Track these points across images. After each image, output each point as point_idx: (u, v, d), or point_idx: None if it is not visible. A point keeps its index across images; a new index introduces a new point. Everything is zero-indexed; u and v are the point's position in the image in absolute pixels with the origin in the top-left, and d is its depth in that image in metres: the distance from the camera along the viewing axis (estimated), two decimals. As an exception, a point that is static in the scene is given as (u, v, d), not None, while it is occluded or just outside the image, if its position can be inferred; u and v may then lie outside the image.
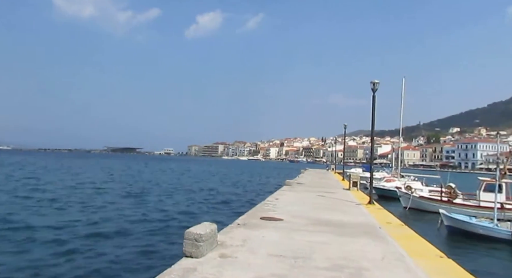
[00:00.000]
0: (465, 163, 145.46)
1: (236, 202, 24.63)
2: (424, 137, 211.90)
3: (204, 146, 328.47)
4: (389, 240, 7.73)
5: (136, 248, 11.26)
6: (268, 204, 12.31)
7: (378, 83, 14.96)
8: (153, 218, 16.59)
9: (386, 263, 5.82)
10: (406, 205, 23.74)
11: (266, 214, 10.02)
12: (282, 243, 6.79)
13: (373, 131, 16.09)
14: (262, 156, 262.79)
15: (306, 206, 12.49)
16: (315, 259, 5.78)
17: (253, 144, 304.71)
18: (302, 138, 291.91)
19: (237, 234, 7.26)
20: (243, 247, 6.28)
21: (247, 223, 8.61)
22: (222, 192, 30.64)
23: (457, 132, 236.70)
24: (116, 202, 21.38)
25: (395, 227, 9.48)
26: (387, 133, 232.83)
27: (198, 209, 20.33)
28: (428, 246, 7.51)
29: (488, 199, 19.64)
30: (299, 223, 9.06)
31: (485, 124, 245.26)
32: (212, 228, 5.84)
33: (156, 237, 12.78)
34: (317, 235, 7.73)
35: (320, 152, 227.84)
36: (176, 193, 27.78)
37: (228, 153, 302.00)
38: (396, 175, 36.76)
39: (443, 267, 5.86)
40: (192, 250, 5.29)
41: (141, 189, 29.57)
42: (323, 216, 10.44)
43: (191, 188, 33.08)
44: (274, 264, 5.38)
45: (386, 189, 29.59)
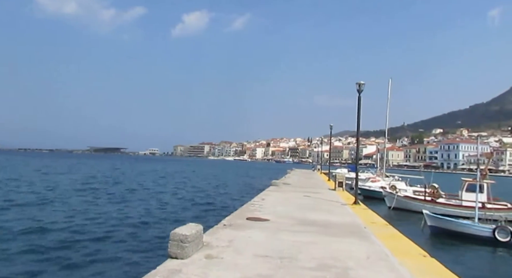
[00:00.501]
0: (448, 163, 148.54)
1: (222, 202, 24.52)
2: (408, 138, 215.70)
3: (190, 146, 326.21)
4: (374, 239, 7.81)
5: (120, 249, 11.09)
6: (254, 205, 12.29)
7: (364, 84, 15.12)
8: (137, 220, 16.34)
9: (371, 263, 5.88)
10: (390, 204, 24.07)
11: (252, 215, 10.01)
12: (268, 244, 6.78)
13: (358, 131, 16.27)
14: (248, 157, 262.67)
15: (292, 206, 12.52)
16: (301, 259, 5.79)
17: (239, 145, 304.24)
18: (288, 139, 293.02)
19: (223, 235, 7.22)
20: (229, 247, 6.25)
21: (233, 223, 8.57)
22: (207, 193, 30.46)
23: (440, 133, 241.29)
24: (97, 204, 20.93)
25: (380, 227, 9.59)
26: (372, 134, 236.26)
27: (183, 210, 20.14)
28: (412, 245, 7.62)
29: (470, 199, 20.11)
30: (285, 223, 9.07)
31: (466, 125, 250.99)
32: (198, 229, 5.79)
33: (140, 239, 12.60)
34: (303, 235, 7.75)
35: (306, 152, 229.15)
36: (161, 194, 27.43)
37: (214, 154, 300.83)
38: (381, 175, 37.24)
39: (426, 266, 5.95)
40: (178, 251, 5.23)
41: (125, 190, 29.16)
42: (309, 216, 10.48)
43: (176, 189, 32.75)
44: (260, 265, 5.37)
45: (371, 190, 29.95)
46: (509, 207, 21.23)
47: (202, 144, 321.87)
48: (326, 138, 53.22)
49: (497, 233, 15.14)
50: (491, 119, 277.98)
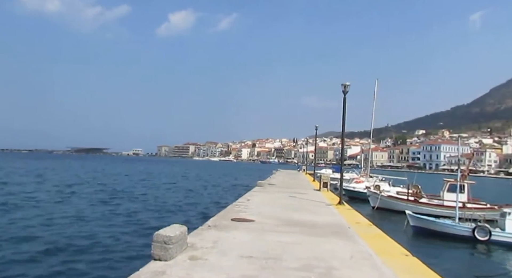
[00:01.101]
0: (430, 164, 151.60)
1: (207, 203, 24.40)
2: (392, 139, 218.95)
3: (175, 147, 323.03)
4: (358, 239, 7.90)
5: (102, 252, 10.91)
6: (239, 205, 12.27)
7: (349, 86, 15.26)
8: (120, 222, 16.11)
9: (354, 262, 5.94)
10: (374, 204, 24.41)
11: (237, 215, 9.98)
12: (253, 244, 6.77)
13: (343, 132, 16.42)
14: (233, 157, 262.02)
15: (278, 207, 12.54)
16: (286, 260, 5.81)
17: (225, 145, 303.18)
18: (274, 139, 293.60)
19: (207, 236, 7.17)
20: (213, 249, 6.21)
21: (218, 224, 8.53)
22: (192, 194, 30.26)
23: (422, 134, 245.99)
24: (76, 205, 20.48)
25: (363, 227, 9.70)
26: (356, 135, 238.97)
27: (168, 212, 19.94)
28: (395, 245, 7.74)
29: (451, 199, 20.56)
30: (270, 224, 9.08)
31: (448, 127, 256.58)
32: (182, 230, 5.74)
33: (124, 241, 12.42)
34: (288, 236, 7.78)
35: (292, 153, 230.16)
36: (145, 196, 27.05)
37: (199, 154, 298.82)
38: (365, 175, 37.69)
39: (408, 265, 6.06)
40: (161, 253, 5.17)
41: (109, 191, 28.70)
42: (294, 217, 10.52)
43: (160, 190, 32.40)
44: (245, 265, 5.36)
45: (355, 191, 30.29)
46: (488, 207, 21.81)
47: (187, 145, 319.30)
48: (312, 139, 53.64)
49: (477, 232, 15.55)
50: (472, 120, 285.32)
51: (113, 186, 33.79)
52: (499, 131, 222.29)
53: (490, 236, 15.41)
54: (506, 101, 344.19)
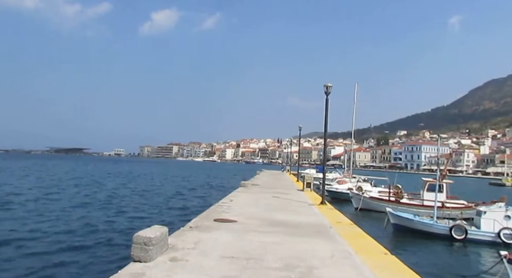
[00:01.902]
0: (411, 164, 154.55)
1: (189, 204, 24.23)
2: (375, 139, 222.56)
3: (158, 147, 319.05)
4: (339, 239, 8.00)
5: (82, 254, 10.70)
6: (222, 206, 12.25)
7: (331, 87, 15.42)
8: (100, 223, 15.81)
9: (334, 261, 6.03)
10: (357, 206, 24.72)
11: (220, 216, 9.97)
12: (235, 245, 6.78)
13: (326, 133, 16.58)
14: (217, 158, 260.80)
15: (261, 207, 12.58)
16: (267, 260, 5.84)
17: (209, 145, 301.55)
18: (258, 139, 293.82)
19: (189, 237, 7.14)
20: (194, 249, 6.19)
21: (200, 225, 8.50)
22: (174, 195, 29.97)
23: (404, 134, 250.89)
24: (57, 208, 19.99)
25: (345, 227, 9.83)
26: (340, 135, 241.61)
27: (149, 213, 19.66)
28: (374, 243, 7.88)
29: (431, 198, 21.03)
30: (252, 224, 9.10)
31: (428, 127, 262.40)
32: (163, 231, 5.70)
33: (103, 243, 12.21)
34: (270, 236, 7.82)
35: (276, 153, 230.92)
36: (126, 197, 26.59)
37: (183, 154, 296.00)
38: (348, 176, 38.17)
39: (386, 263, 6.18)
40: (141, 254, 5.12)
41: (87, 191, 28.17)
42: (276, 217, 10.58)
43: (142, 191, 31.96)
44: (226, 266, 5.37)
45: (338, 192, 30.60)
46: (465, 206, 22.43)
47: (170, 145, 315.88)
48: (296, 139, 53.88)
49: (454, 231, 15.98)
50: (451, 121, 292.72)
51: (92, 186, 33.18)
52: (477, 132, 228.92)
53: (466, 235, 15.85)
54: (483, 103, 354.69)
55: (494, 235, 15.62)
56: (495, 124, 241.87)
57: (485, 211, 16.34)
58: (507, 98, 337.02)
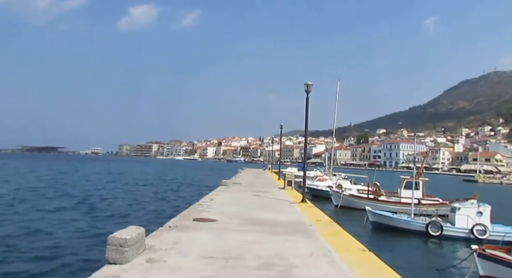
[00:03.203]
0: (390, 162, 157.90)
1: (168, 204, 23.92)
2: (355, 138, 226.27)
3: (137, 146, 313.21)
4: (318, 237, 8.05)
5: (54, 257, 10.36)
6: (202, 205, 12.13)
7: (312, 85, 15.51)
8: (74, 225, 15.35)
9: (313, 259, 6.06)
10: (337, 203, 25.04)
11: (199, 215, 9.86)
12: (214, 244, 6.72)
13: (306, 131, 16.68)
14: (199, 156, 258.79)
15: (241, 206, 12.54)
16: (247, 259, 5.81)
17: (190, 144, 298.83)
18: (240, 138, 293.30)
19: (167, 237, 7.02)
20: (173, 250, 6.09)
21: (179, 225, 8.38)
22: (153, 194, 29.50)
23: (383, 133, 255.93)
24: (25, 209, 19.20)
25: (324, 224, 9.91)
26: (321, 133, 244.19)
27: (126, 213, 19.19)
28: (353, 241, 7.97)
29: (408, 195, 21.53)
30: (233, 223, 9.05)
31: (406, 126, 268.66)
32: (139, 232, 5.57)
33: (77, 245, 11.86)
34: (250, 235, 7.79)
35: (258, 151, 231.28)
36: (101, 197, 25.89)
37: (163, 153, 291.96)
38: (329, 174, 38.61)
39: (364, 260, 6.27)
40: (116, 256, 4.98)
41: (61, 192, 27.40)
42: (257, 216, 10.56)
43: (118, 190, 31.29)
44: (204, 266, 5.30)
45: (319, 189, 30.90)
46: (440, 202, 23.09)
47: (150, 143, 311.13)
48: (278, 137, 54.14)
49: (430, 227, 16.41)
50: (428, 120, 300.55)
51: (67, 186, 32.32)
52: (452, 131, 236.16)
53: (441, 231, 16.30)
54: (457, 102, 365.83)
55: (467, 231, 16.12)
56: (469, 123, 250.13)
57: (459, 208, 16.83)
58: (480, 98, 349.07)
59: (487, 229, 15.90)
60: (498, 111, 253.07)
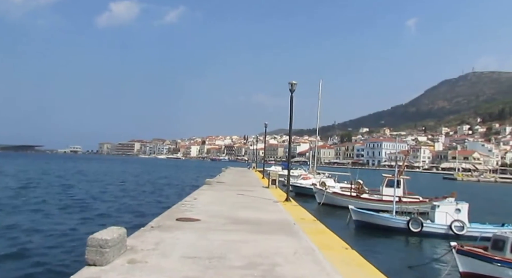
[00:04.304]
0: (372, 160, 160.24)
1: (151, 203, 23.59)
2: (338, 136, 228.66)
3: (118, 144, 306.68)
4: (302, 235, 8.08)
5: (32, 260, 10.06)
6: (185, 205, 12.01)
7: (296, 84, 15.57)
8: (54, 224, 15.01)
9: (297, 258, 6.07)
10: (320, 201, 25.28)
11: (182, 215, 9.75)
12: (197, 244, 6.66)
13: (291, 130, 16.75)
14: (182, 155, 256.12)
15: (225, 205, 12.47)
16: (230, 258, 5.78)
17: (173, 142, 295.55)
18: (224, 136, 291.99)
19: (149, 238, 6.91)
20: (155, 250, 6.00)
21: (161, 225, 8.26)
22: (135, 194, 29.06)
23: (366, 132, 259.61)
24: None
25: (308, 223, 9.96)
26: (305, 132, 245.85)
27: (107, 213, 18.79)
28: (336, 239, 8.03)
29: (390, 193, 21.90)
30: (216, 223, 8.99)
31: (389, 125, 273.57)
32: (121, 232, 5.46)
33: (57, 247, 11.56)
34: (234, 234, 7.76)
35: (242, 150, 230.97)
36: (82, 197, 25.30)
37: (146, 152, 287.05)
38: (313, 172, 38.88)
39: (347, 258, 6.32)
40: (96, 258, 4.87)
41: (39, 191, 26.70)
42: (241, 215, 10.52)
43: (100, 191, 30.60)
44: (187, 266, 5.24)
45: (302, 187, 31.12)
46: (420, 200, 23.59)
47: (132, 142, 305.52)
48: (262, 136, 54.20)
49: (411, 224, 16.74)
50: (409, 119, 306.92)
51: (45, 186, 31.52)
52: (432, 130, 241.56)
53: (422, 228, 16.65)
54: (438, 102, 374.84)
55: (446, 227, 16.54)
56: (448, 122, 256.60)
57: (439, 205, 17.25)
58: (459, 98, 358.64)
59: (465, 226, 16.35)
60: (476, 111, 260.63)
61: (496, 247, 10.95)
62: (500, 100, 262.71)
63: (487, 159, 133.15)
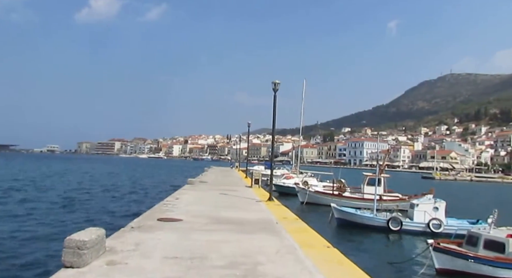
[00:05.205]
0: (354, 160, 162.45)
1: (131, 204, 23.18)
2: (321, 136, 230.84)
3: (98, 143, 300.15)
4: (284, 234, 8.11)
5: (6, 263, 9.73)
6: (167, 204, 11.88)
7: (279, 84, 15.59)
8: (30, 225, 14.55)
9: (279, 257, 6.09)
10: (303, 200, 25.43)
11: (164, 215, 9.64)
12: (179, 245, 6.59)
13: (274, 129, 16.78)
14: (164, 154, 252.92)
15: (208, 205, 12.41)
16: (212, 258, 5.75)
17: (155, 141, 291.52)
18: (207, 136, 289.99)
19: (129, 238, 6.80)
20: (135, 251, 5.90)
21: (142, 225, 8.14)
22: (114, 194, 28.51)
23: (348, 131, 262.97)
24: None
25: (290, 222, 10.01)
26: (288, 132, 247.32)
27: (86, 214, 18.31)
28: (318, 237, 8.10)
29: (371, 192, 22.25)
30: (199, 223, 8.92)
31: (370, 125, 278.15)
32: (99, 233, 5.34)
33: (32, 247, 11.24)
34: (216, 234, 7.72)
35: (226, 149, 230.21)
36: (59, 197, 24.63)
37: (126, 151, 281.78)
38: (296, 171, 39.09)
39: (328, 256, 6.40)
40: (74, 260, 4.74)
41: (13, 191, 25.88)
42: (224, 214, 10.48)
43: (78, 190, 29.88)
44: (168, 267, 5.18)
45: (285, 186, 31.25)
46: (400, 198, 24.08)
47: (112, 141, 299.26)
48: (245, 136, 54.17)
49: (391, 223, 17.06)
50: (390, 119, 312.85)
51: (21, 185, 30.59)
52: (412, 130, 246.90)
53: (401, 226, 16.99)
54: (417, 103, 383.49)
55: (424, 225, 16.93)
56: (427, 122, 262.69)
57: (418, 204, 17.63)
58: (437, 99, 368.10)
59: (442, 223, 16.78)
60: (453, 112, 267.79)
61: (470, 244, 11.33)
62: (476, 102, 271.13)
63: (464, 158, 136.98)
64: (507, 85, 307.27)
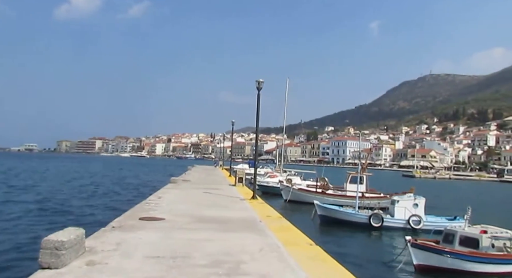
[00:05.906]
0: (337, 158, 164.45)
1: (112, 202, 22.78)
2: (305, 135, 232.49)
3: (78, 142, 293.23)
4: (268, 232, 8.12)
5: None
6: (149, 203, 11.72)
7: (263, 82, 15.61)
8: (4, 225, 14.09)
9: (262, 255, 6.09)
10: (286, 197, 25.58)
11: (146, 214, 9.51)
12: (161, 244, 6.51)
13: (258, 128, 16.78)
14: (147, 153, 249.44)
15: (191, 204, 12.31)
16: (195, 257, 5.71)
17: (137, 140, 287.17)
18: (190, 134, 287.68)
19: (110, 238, 6.66)
20: (116, 251, 5.79)
21: (123, 225, 8.00)
22: (95, 193, 27.97)
23: (331, 130, 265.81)
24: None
25: (274, 220, 10.03)
26: (272, 131, 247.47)
27: (64, 214, 17.87)
28: (301, 235, 8.15)
29: (353, 189, 22.58)
30: (181, 222, 8.84)
31: (353, 124, 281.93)
32: (78, 233, 5.22)
33: (8, 247, 10.90)
34: (199, 233, 7.66)
35: (209, 148, 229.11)
36: (40, 195, 24.11)
37: (108, 150, 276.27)
38: (280, 170, 39.23)
39: (311, 254, 6.43)
40: (51, 260, 4.61)
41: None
42: (207, 213, 10.42)
43: (56, 189, 29.11)
44: (150, 267, 5.11)
45: (269, 186, 31.32)
46: (382, 196, 24.53)
47: (93, 139, 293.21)
48: (229, 134, 54.08)
49: (372, 219, 17.36)
50: (372, 118, 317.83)
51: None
52: (393, 129, 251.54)
53: (382, 223, 17.31)
54: (398, 102, 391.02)
55: (404, 221, 17.31)
56: (408, 122, 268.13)
57: (398, 201, 18.00)
58: (418, 99, 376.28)
59: (422, 220, 17.19)
60: (433, 111, 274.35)
61: (447, 240, 11.70)
62: (455, 102, 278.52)
63: (443, 157, 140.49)
64: (483, 86, 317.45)
